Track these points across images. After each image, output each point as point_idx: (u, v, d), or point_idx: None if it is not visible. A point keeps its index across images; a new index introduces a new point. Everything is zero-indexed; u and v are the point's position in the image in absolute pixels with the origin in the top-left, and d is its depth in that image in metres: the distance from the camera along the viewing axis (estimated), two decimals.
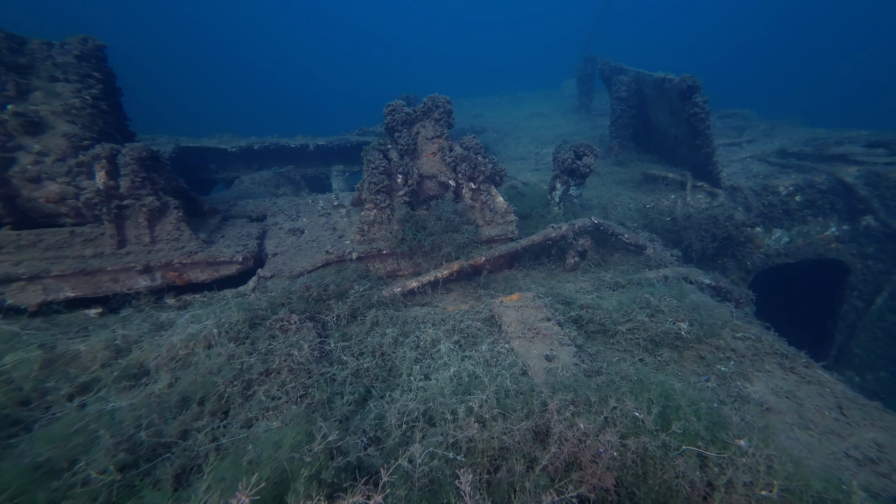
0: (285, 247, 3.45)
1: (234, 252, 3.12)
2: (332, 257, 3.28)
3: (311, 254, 3.33)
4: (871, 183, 4.85)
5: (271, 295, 2.67)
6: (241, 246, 3.21)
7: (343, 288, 2.87)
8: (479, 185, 3.75)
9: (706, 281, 3.36)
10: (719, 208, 5.01)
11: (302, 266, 3.20)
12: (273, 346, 2.12)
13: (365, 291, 2.91)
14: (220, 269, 3.08)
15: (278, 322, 2.29)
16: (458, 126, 12.00)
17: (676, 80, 5.00)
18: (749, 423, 1.48)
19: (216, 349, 2.11)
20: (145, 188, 2.97)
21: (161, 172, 3.11)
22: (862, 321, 5.36)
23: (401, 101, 3.68)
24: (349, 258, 3.32)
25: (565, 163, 4.08)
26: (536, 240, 3.64)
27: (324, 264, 3.24)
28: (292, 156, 7.04)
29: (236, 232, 3.45)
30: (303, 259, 3.29)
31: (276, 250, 3.39)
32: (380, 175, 3.44)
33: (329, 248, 3.34)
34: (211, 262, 3.05)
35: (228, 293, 2.95)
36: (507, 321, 2.69)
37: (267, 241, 3.49)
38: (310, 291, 2.71)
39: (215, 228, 3.48)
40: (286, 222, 3.84)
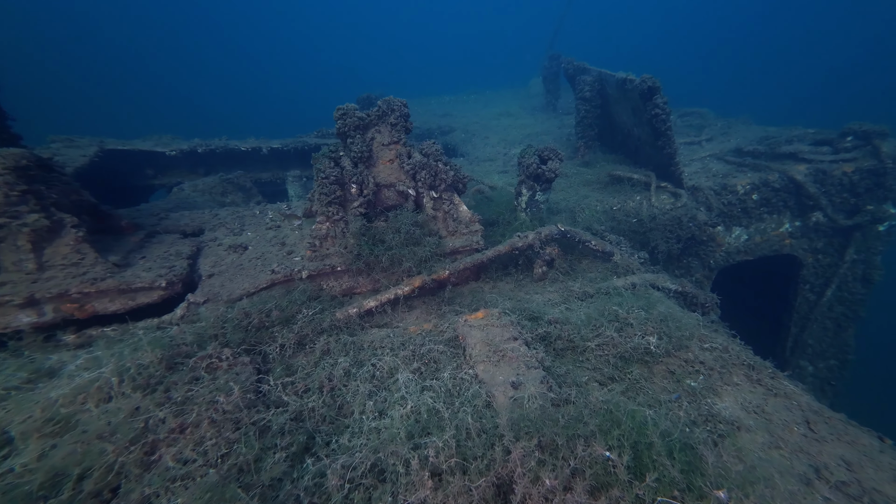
0: (224, 266, 3.11)
1: (155, 276, 2.75)
2: (279, 277, 2.98)
3: (255, 273, 3.01)
4: (819, 180, 5.11)
5: (201, 325, 2.35)
6: (165, 268, 2.84)
7: (290, 312, 2.59)
8: (441, 194, 3.57)
9: (673, 287, 3.35)
10: (682, 209, 5.11)
11: (243, 288, 2.89)
12: (194, 392, 1.82)
13: (315, 315, 2.65)
14: (137, 297, 2.69)
15: (205, 360, 1.99)
16: (426, 126, 11.80)
17: (637, 80, 5.04)
18: (725, 467, 1.39)
19: (115, 402, 1.78)
20: (26, 203, 2.52)
21: (53, 184, 2.68)
22: (813, 313, 5.66)
23: (352, 105, 3.43)
24: (298, 277, 3.03)
25: (530, 168, 3.98)
26: (503, 250, 3.51)
27: (269, 285, 2.93)
28: (244, 160, 6.57)
29: (163, 251, 3.07)
30: (244, 280, 2.97)
31: (213, 270, 3.05)
32: (331, 185, 3.18)
33: (276, 267, 3.04)
34: (124, 289, 2.66)
35: (145, 325, 2.58)
36: (471, 343, 2.53)
37: (202, 261, 3.13)
38: (249, 318, 2.41)
39: (135, 248, 3.07)
40: (227, 237, 3.49)
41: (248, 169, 6.43)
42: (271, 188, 7.28)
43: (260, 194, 6.08)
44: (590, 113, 6.91)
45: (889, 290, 5.71)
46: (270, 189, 7.27)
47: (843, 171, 5.01)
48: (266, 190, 7.12)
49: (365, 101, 7.61)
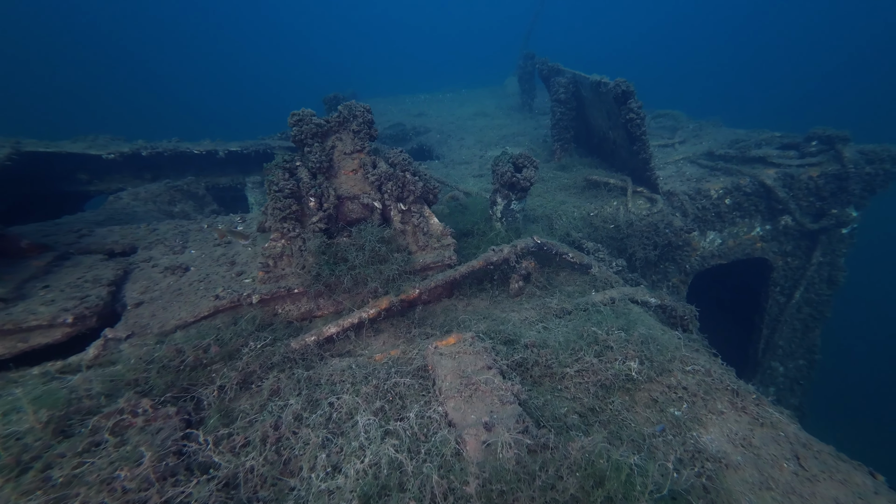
0: (158, 292, 2.76)
1: (59, 310, 2.37)
2: (225, 303, 2.67)
3: (196, 299, 2.69)
4: (787, 185, 5.22)
5: (115, 370, 2.02)
6: (76, 299, 2.47)
7: (234, 346, 2.30)
8: (410, 206, 3.35)
9: (652, 300, 3.27)
10: (658, 215, 5.10)
11: (179, 318, 2.56)
12: (85, 467, 1.50)
13: (265, 347, 2.37)
14: (31, 338, 2.30)
15: (112, 416, 1.68)
16: (401, 126, 11.50)
17: (611, 84, 4.99)
18: None
19: None
20: None
21: None
22: (783, 314, 5.82)
23: (309, 110, 3.15)
24: (248, 303, 2.73)
25: (504, 177, 3.82)
26: (476, 266, 3.32)
27: (212, 313, 2.62)
28: (198, 164, 6.10)
29: (76, 277, 2.69)
30: (182, 307, 2.64)
31: (143, 298, 2.69)
32: (286, 199, 2.90)
33: (221, 291, 2.72)
34: (11, 329, 2.26)
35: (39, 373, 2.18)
36: (441, 374, 2.32)
37: (129, 286, 2.77)
38: (182, 356, 2.11)
39: (37, 275, 2.67)
40: (166, 256, 3.13)
41: (202, 173, 5.97)
42: (231, 194, 6.82)
43: (216, 202, 5.65)
44: (565, 115, 6.86)
45: (850, 290, 5.94)
46: (230, 195, 6.81)
47: (810, 175, 5.14)
48: (225, 196, 6.67)
49: (332, 101, 7.26)
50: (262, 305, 2.78)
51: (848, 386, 13.04)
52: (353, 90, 15.77)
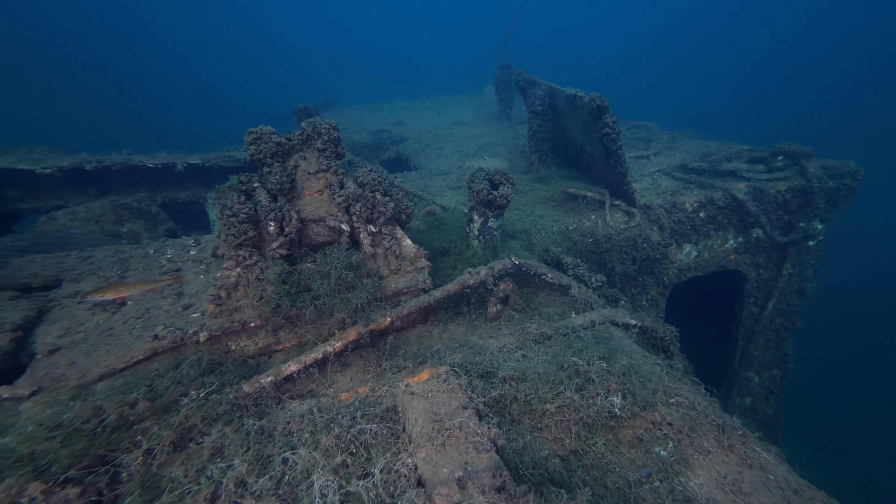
0: (83, 333, 2.45)
1: None
2: (165, 343, 2.39)
3: (130, 340, 2.40)
4: (757, 198, 5.36)
5: (4, 442, 1.71)
6: None
7: (170, 396, 2.04)
8: (381, 228, 3.17)
9: (632, 322, 3.21)
10: (636, 229, 5.12)
11: (106, 364, 2.26)
12: None
13: (210, 395, 2.12)
14: None
15: None
16: (378, 135, 11.32)
17: (586, 98, 5.00)
18: None
19: None
20: None
21: None
22: (758, 325, 5.95)
23: (268, 128, 2.94)
24: (194, 341, 2.46)
25: (481, 194, 3.71)
26: (452, 290, 3.17)
27: (148, 356, 2.34)
28: (155, 178, 5.71)
29: None
30: (111, 351, 2.34)
31: (61, 342, 2.38)
32: (241, 224, 2.67)
33: (161, 330, 2.44)
34: None
35: None
36: (412, 417, 2.14)
37: (44, 329, 2.44)
38: (101, 416, 1.83)
39: None
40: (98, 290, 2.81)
41: (159, 188, 5.58)
42: (193, 209, 6.43)
43: (174, 219, 5.28)
44: (542, 127, 6.87)
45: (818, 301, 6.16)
46: (192, 210, 6.42)
47: (778, 189, 5.30)
48: (186, 212, 6.28)
49: (301, 112, 7.01)
50: (212, 343, 2.52)
51: (819, 393, 13.64)
52: (329, 97, 15.54)
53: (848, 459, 12.05)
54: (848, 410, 13.73)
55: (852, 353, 16.09)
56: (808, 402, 12.73)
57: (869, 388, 15.07)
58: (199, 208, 6.38)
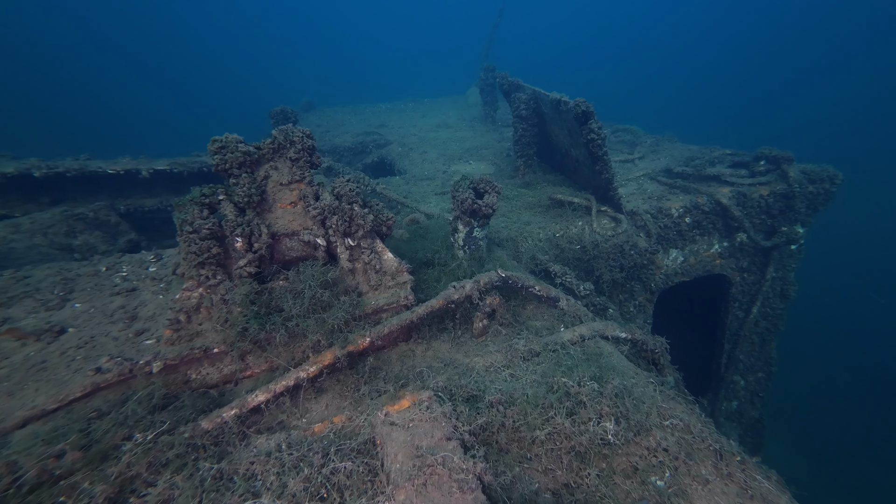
0: (7, 369, 2.18)
1: None
2: (110, 377, 2.15)
3: (68, 375, 2.14)
4: (741, 203, 5.41)
5: None
6: None
7: (109, 442, 1.81)
8: (360, 242, 3.01)
9: (622, 335, 3.13)
10: (623, 235, 5.09)
11: (34, 405, 1.99)
12: None
13: (157, 437, 1.91)
14: None
15: None
16: (360, 138, 11.11)
17: (571, 104, 4.96)
18: None
19: None
20: None
21: None
22: (743, 329, 6.01)
23: (234, 136, 2.75)
24: (145, 372, 2.24)
25: (465, 203, 3.59)
26: (436, 306, 3.03)
27: (88, 393, 2.09)
28: (118, 185, 5.38)
29: None
30: (42, 389, 2.08)
31: None
32: (203, 241, 2.46)
33: (106, 361, 2.20)
34: None
35: None
36: (391, 452, 1.99)
37: None
38: (16, 472, 1.59)
39: None
40: (34, 314, 2.55)
41: (122, 196, 5.26)
42: (161, 217, 6.11)
43: (139, 229, 4.97)
44: (527, 132, 6.82)
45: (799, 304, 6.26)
46: (160, 218, 6.10)
47: (761, 194, 5.36)
48: (153, 220, 5.95)
49: (278, 115, 6.77)
50: (168, 373, 2.30)
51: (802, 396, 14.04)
52: (309, 99, 15.21)
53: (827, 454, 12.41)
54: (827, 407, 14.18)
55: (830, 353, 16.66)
56: (790, 403, 13.08)
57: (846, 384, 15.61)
58: (168, 216, 6.06)
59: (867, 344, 17.26)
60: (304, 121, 12.96)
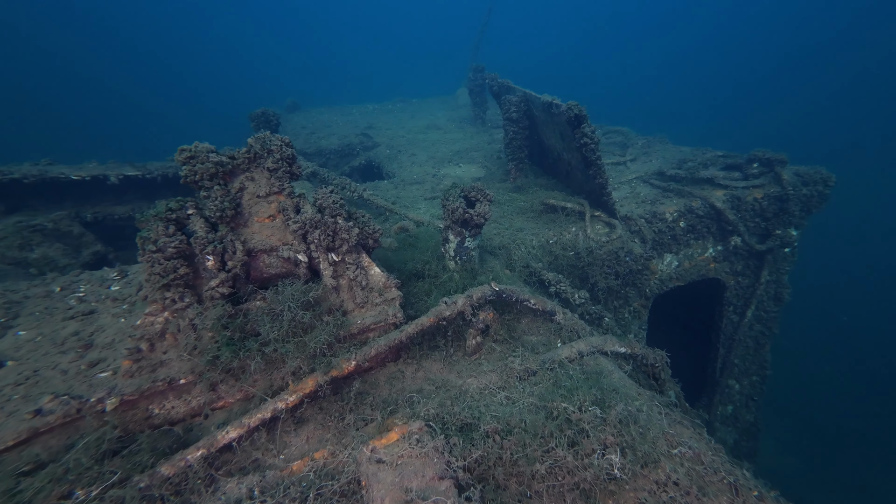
0: None
1: None
2: (53, 419, 1.91)
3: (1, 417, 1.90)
4: (735, 206, 5.37)
5: None
6: None
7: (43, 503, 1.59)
8: (344, 257, 2.83)
9: (621, 350, 3.01)
10: (618, 241, 4.99)
11: None
12: None
13: (105, 492, 1.68)
14: None
15: None
16: (347, 140, 10.88)
17: (563, 107, 4.84)
18: None
19: None
20: None
21: None
22: (737, 333, 5.98)
23: (205, 145, 2.54)
24: (97, 411, 2.00)
25: (456, 213, 3.43)
26: (426, 323, 2.86)
27: (24, 440, 1.84)
28: (84, 192, 5.05)
29: None
30: None
31: None
32: (169, 261, 2.25)
33: (49, 401, 1.95)
34: None
35: None
36: (377, 496, 1.81)
37: None
38: None
39: None
40: None
41: (89, 203, 4.95)
42: (132, 225, 5.81)
43: (106, 240, 4.68)
44: (518, 135, 6.69)
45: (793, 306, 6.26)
46: (131, 227, 5.80)
47: (755, 196, 5.33)
48: (125, 229, 5.65)
49: (260, 118, 6.51)
50: (125, 410, 2.07)
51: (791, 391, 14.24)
52: (294, 100, 14.88)
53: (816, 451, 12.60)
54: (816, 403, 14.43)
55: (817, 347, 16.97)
56: (780, 399, 13.25)
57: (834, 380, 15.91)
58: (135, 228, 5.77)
59: (853, 339, 17.67)
60: (289, 122, 12.66)
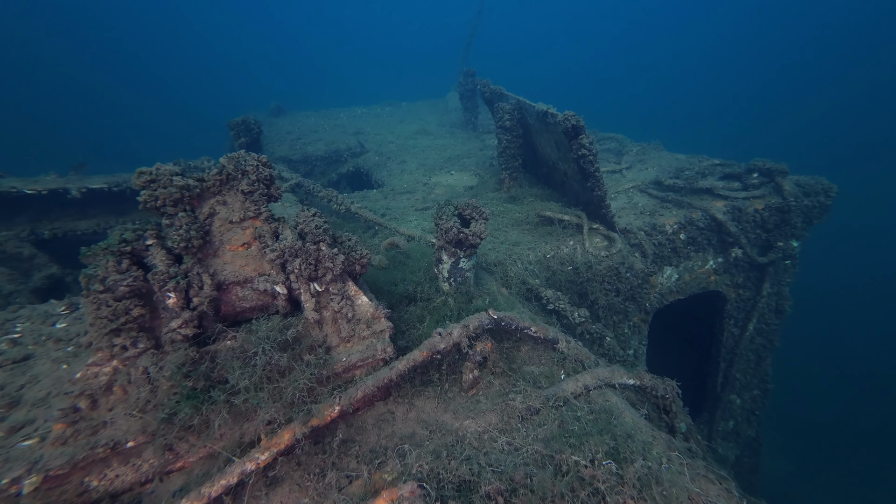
0: None
1: None
2: None
3: None
4: (736, 218, 5.25)
5: None
6: None
7: None
8: (329, 286, 2.57)
9: (630, 382, 2.81)
10: (618, 256, 4.82)
11: None
12: None
13: None
14: None
15: None
16: (335, 146, 10.60)
17: (560, 116, 4.66)
18: None
19: None
20: None
21: None
22: (739, 346, 5.86)
23: (168, 167, 2.27)
24: (9, 496, 1.68)
25: (450, 233, 3.19)
26: (419, 358, 2.61)
27: None
28: (42, 206, 4.67)
29: None
30: None
31: None
32: (120, 302, 1.96)
33: None
34: None
35: None
36: None
37: None
38: None
39: None
40: None
41: (47, 218, 4.58)
42: (99, 240, 5.44)
43: (59, 263, 4.30)
44: (511, 143, 6.51)
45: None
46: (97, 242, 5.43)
47: (756, 208, 5.22)
48: (91, 243, 5.27)
49: (240, 126, 6.19)
50: (51, 488, 1.76)
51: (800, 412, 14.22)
52: (278, 104, 14.51)
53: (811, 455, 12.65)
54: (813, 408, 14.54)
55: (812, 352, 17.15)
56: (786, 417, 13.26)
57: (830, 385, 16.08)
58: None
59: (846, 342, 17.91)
60: (273, 126, 12.30)
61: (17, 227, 4.15)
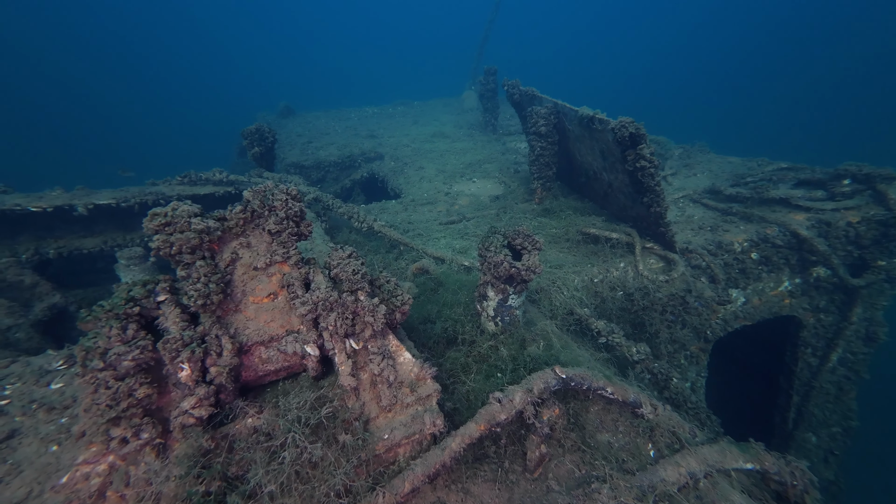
0: None
1: None
2: None
3: None
4: (823, 234, 4.71)
5: None
6: None
7: None
8: (367, 343, 2.20)
9: (748, 466, 2.36)
10: (681, 281, 4.35)
11: None
12: None
13: None
14: None
15: None
16: (348, 150, 10.31)
17: (612, 123, 4.23)
18: None
19: None
20: None
21: None
22: (817, 378, 5.31)
23: (186, 207, 1.92)
24: None
25: (500, 268, 2.80)
26: (476, 434, 2.22)
27: None
28: (46, 224, 4.44)
29: None
30: None
31: None
32: (123, 381, 1.62)
33: None
34: None
35: None
36: None
37: None
38: None
39: None
40: None
41: (52, 235, 4.34)
42: (104, 265, 5.20)
43: (64, 287, 4.05)
44: (546, 150, 6.09)
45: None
46: (102, 266, 5.19)
47: (848, 220, 4.66)
48: (96, 262, 5.03)
49: (254, 135, 5.89)
50: None
51: None
52: (287, 104, 14.32)
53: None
54: None
55: None
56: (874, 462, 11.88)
57: None
58: (113, 263, 5.17)
59: None
60: (283, 128, 12.10)
61: (21, 245, 3.92)
